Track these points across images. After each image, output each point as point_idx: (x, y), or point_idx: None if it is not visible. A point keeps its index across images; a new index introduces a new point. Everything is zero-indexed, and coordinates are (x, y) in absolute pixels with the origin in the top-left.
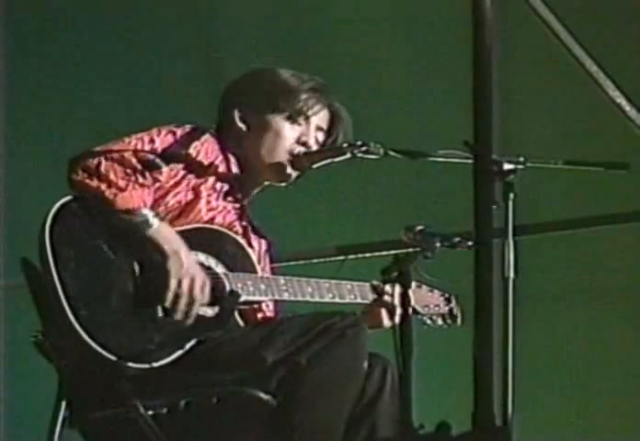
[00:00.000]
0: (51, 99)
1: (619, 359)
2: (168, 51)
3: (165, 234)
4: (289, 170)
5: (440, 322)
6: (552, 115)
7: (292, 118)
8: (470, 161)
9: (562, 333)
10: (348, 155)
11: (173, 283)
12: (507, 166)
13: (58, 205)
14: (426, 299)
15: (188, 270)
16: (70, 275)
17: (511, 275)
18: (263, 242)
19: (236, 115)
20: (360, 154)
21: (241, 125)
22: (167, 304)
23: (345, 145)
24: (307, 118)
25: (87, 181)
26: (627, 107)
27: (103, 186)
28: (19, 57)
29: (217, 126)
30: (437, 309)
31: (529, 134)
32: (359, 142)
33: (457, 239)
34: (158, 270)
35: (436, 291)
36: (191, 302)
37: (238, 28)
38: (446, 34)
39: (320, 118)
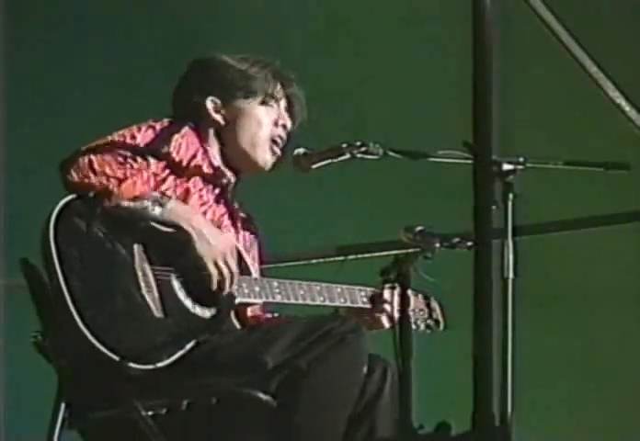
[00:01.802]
0: (52, 99)
1: (619, 359)
2: (168, 51)
3: (181, 212)
4: (269, 157)
5: (422, 326)
6: (552, 115)
7: (266, 103)
8: (470, 161)
9: (562, 334)
10: (348, 156)
11: (211, 267)
12: (506, 167)
13: (60, 204)
14: (412, 304)
15: (217, 247)
16: (75, 275)
17: (511, 275)
18: (251, 234)
19: (210, 107)
20: (359, 155)
21: (217, 117)
22: (214, 288)
23: (344, 145)
24: (277, 101)
25: (85, 180)
26: (627, 108)
27: (103, 181)
28: (19, 56)
29: (182, 117)
30: (421, 313)
31: (529, 134)
32: (358, 143)
33: (457, 239)
34: (185, 253)
35: (420, 296)
36: (233, 278)
37: (237, 29)
38: (446, 34)
39: (285, 99)
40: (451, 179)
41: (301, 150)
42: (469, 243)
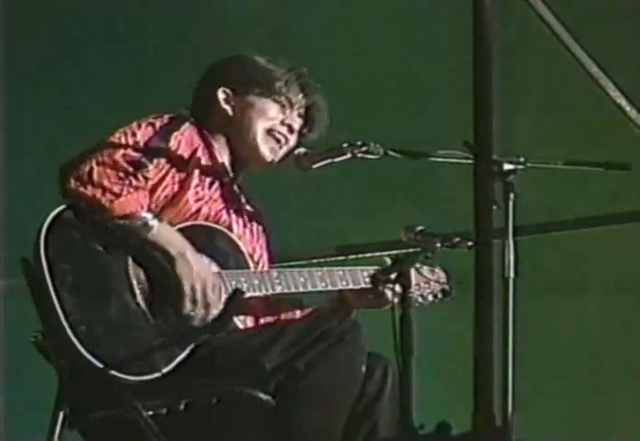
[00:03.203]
0: (52, 99)
1: (619, 359)
2: (169, 52)
3: (168, 236)
4: (267, 151)
5: (430, 298)
6: (552, 115)
7: (278, 102)
8: (470, 161)
9: (562, 334)
10: (349, 155)
11: (187, 289)
12: (507, 166)
13: (52, 215)
14: (416, 278)
15: (199, 273)
16: (67, 287)
17: (511, 275)
18: (260, 225)
19: (220, 97)
20: (360, 154)
21: (226, 107)
22: (185, 311)
23: (345, 145)
24: (292, 105)
25: (81, 189)
26: (627, 108)
27: (98, 194)
28: (19, 57)
29: (195, 110)
30: (426, 286)
31: (529, 134)
32: (359, 142)
33: (457, 239)
34: (166, 275)
35: (425, 268)
36: (207, 306)
37: (239, 29)
38: (446, 34)
39: (302, 105)
40: (451, 179)
41: (301, 149)
42: (469, 243)
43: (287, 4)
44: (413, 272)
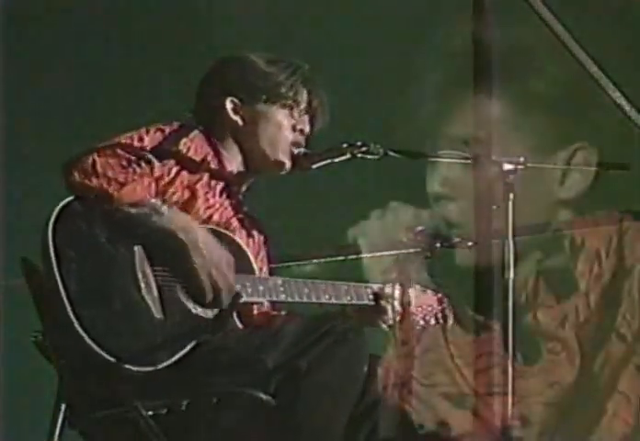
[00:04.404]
0: (52, 100)
1: (619, 359)
2: (168, 52)
3: (177, 221)
4: (287, 160)
5: (432, 321)
6: (552, 115)
7: (286, 106)
8: (470, 161)
9: (562, 333)
10: (348, 155)
11: (205, 280)
12: (507, 166)
13: (60, 206)
14: (419, 300)
15: (212, 259)
16: (73, 277)
17: (511, 275)
18: (260, 236)
19: (229, 107)
20: (360, 155)
21: (235, 117)
22: (209, 300)
23: (345, 145)
24: (299, 106)
25: (86, 182)
26: (627, 107)
27: (104, 184)
28: (19, 56)
29: (199, 118)
30: (430, 308)
31: (529, 134)
32: (359, 142)
33: (457, 239)
34: (180, 264)
35: (429, 291)
36: (230, 287)
37: (237, 28)
38: (447, 34)
39: (307, 104)
40: (451, 179)
41: (301, 149)
42: (469, 243)
43: (287, 3)
44: (415, 292)
